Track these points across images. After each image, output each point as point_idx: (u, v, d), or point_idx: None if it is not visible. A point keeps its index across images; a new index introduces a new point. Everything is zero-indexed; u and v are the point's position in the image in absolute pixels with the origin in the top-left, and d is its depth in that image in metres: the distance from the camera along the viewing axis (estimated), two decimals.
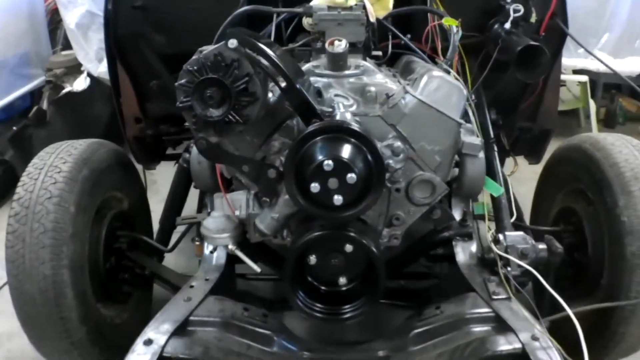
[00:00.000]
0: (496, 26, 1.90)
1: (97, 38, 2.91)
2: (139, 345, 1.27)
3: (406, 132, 1.30)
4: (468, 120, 1.53)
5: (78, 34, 2.88)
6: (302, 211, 1.24)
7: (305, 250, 1.25)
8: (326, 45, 1.33)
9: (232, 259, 1.57)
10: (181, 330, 1.33)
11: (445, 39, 1.76)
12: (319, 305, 1.30)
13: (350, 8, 1.48)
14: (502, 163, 2.34)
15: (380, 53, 1.63)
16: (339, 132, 1.14)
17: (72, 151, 1.70)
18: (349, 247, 1.23)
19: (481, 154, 1.36)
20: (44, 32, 3.37)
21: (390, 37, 1.71)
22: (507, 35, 1.82)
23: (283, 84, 1.16)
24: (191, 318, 1.37)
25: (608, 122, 4.23)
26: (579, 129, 4.12)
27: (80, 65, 3.04)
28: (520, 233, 1.51)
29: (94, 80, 3.07)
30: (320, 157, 1.11)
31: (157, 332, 1.31)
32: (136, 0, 1.92)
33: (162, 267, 1.94)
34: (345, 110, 1.23)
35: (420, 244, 1.60)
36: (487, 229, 1.51)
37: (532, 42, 1.70)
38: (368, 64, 1.44)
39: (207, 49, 1.19)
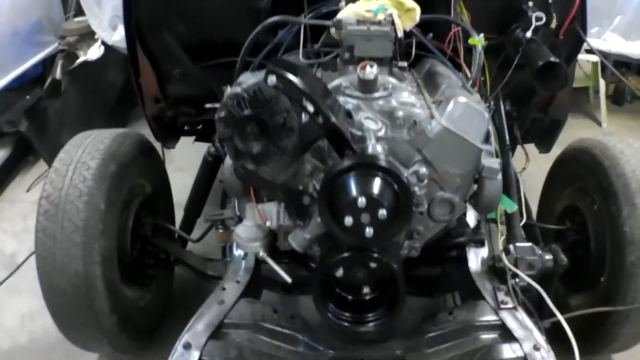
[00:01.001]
0: (517, 31, 1.94)
1: (110, 5, 2.93)
2: (178, 349, 1.43)
3: (431, 156, 1.41)
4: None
5: (91, 1, 2.89)
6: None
7: (340, 264, 1.38)
8: (357, 69, 1.41)
9: (260, 261, 1.70)
10: (217, 333, 1.49)
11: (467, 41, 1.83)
12: (346, 314, 1.45)
13: (379, 23, 1.54)
14: (513, 153, 2.46)
15: (405, 64, 1.70)
16: (373, 168, 1.25)
17: (99, 146, 1.78)
18: (373, 264, 1.37)
19: (499, 176, 1.46)
20: None
21: (414, 41, 1.78)
22: (527, 44, 1.88)
23: (319, 119, 1.25)
24: (225, 321, 1.52)
25: (617, 99, 4.33)
26: (587, 105, 4.22)
27: (93, 32, 3.06)
28: (529, 244, 1.66)
29: (108, 47, 3.09)
30: (354, 194, 1.23)
31: (195, 335, 1.46)
32: None
33: (185, 252, 2.09)
34: (376, 142, 1.33)
35: (435, 247, 1.72)
36: (498, 236, 1.64)
37: (553, 59, 1.76)
38: (394, 80, 1.52)
39: (246, 82, 1.27)
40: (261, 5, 1.94)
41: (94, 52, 3.07)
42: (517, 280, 1.57)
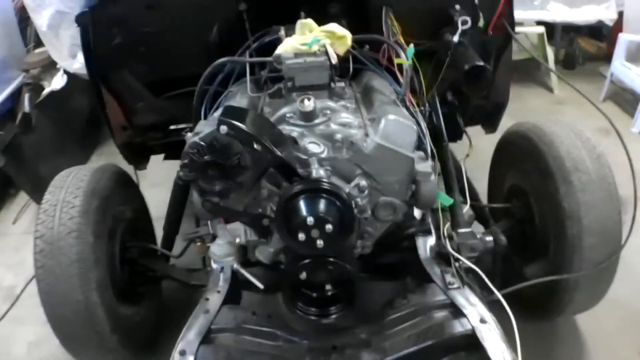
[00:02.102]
0: (446, 35, 2.18)
1: (68, 34, 3.15)
2: (175, 356, 1.68)
3: (369, 169, 1.69)
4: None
5: (50, 35, 3.11)
6: None
7: (303, 270, 1.69)
8: (297, 103, 1.70)
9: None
10: (206, 339, 1.75)
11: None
12: (312, 309, 1.76)
13: (315, 54, 1.82)
14: (460, 138, 2.75)
15: (342, 84, 1.97)
16: (317, 191, 1.55)
17: (79, 184, 2.06)
18: (330, 267, 1.68)
19: (432, 177, 1.74)
20: (17, 33, 3.59)
21: (351, 58, 2.06)
22: (455, 47, 2.13)
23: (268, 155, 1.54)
24: (212, 327, 1.78)
25: (568, 64, 4.60)
26: (539, 73, 4.51)
27: (55, 62, 3.27)
28: (470, 230, 1.94)
29: (70, 75, 3.31)
30: (303, 214, 1.52)
31: (188, 343, 1.71)
32: (114, 38, 2.17)
33: (169, 267, 2.38)
34: (319, 166, 1.63)
35: (388, 239, 1.98)
36: (442, 225, 1.93)
37: (477, 63, 2.02)
38: (333, 104, 1.81)
39: (202, 131, 1.56)
40: (209, 39, 2.21)
41: (58, 82, 3.28)
42: (460, 262, 1.85)
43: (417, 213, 2.02)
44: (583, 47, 4.52)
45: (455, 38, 2.12)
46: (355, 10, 2.23)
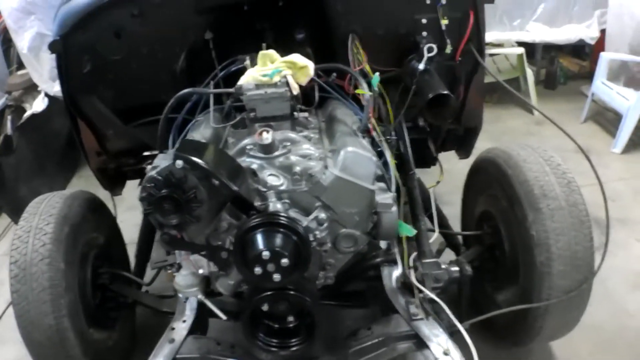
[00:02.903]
0: (412, 63, 2.17)
1: (48, 57, 3.19)
2: None
3: (329, 201, 1.70)
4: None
5: (31, 57, 3.15)
6: None
7: (263, 303, 1.69)
8: (255, 136, 1.71)
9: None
10: None
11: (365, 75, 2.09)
12: (273, 340, 1.77)
13: (275, 85, 1.83)
14: (434, 164, 2.76)
15: (306, 113, 1.98)
16: (273, 225, 1.56)
17: (51, 211, 2.09)
18: (290, 299, 1.68)
19: (393, 208, 1.75)
20: None
21: (316, 86, 2.07)
22: (420, 76, 2.12)
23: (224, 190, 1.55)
24: (177, 357, 1.80)
25: (549, 84, 4.61)
26: (519, 93, 4.53)
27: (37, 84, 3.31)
28: (434, 260, 1.91)
29: (51, 98, 3.34)
30: (259, 248, 1.53)
31: None
32: (84, 65, 2.19)
33: (141, 294, 2.39)
34: (277, 200, 1.64)
35: (354, 268, 2.00)
36: (405, 256, 1.93)
37: (441, 92, 2.01)
38: (294, 135, 1.82)
39: (160, 165, 1.57)
40: (176, 67, 2.22)
41: (39, 105, 3.32)
42: (425, 293, 1.83)
43: (383, 243, 2.03)
44: (565, 66, 4.53)
45: (421, 66, 2.12)
46: (322, 37, 2.24)
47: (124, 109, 2.33)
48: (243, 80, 1.86)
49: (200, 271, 1.83)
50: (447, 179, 2.57)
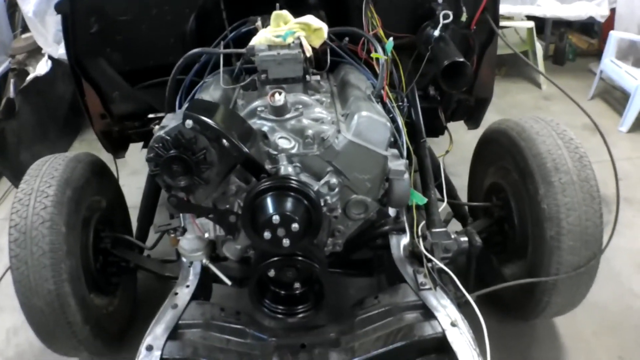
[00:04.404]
0: (427, 29, 2.13)
1: (53, 20, 3.12)
2: (142, 351, 1.65)
3: (340, 166, 1.64)
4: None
5: (36, 21, 3.07)
6: None
7: (270, 268, 1.64)
8: (268, 97, 1.63)
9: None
10: (173, 334, 1.71)
11: (379, 41, 2.03)
12: (279, 307, 1.72)
13: (288, 46, 1.76)
14: (442, 133, 2.70)
15: (318, 77, 1.91)
16: (284, 189, 1.49)
17: (54, 173, 2.02)
18: (298, 265, 1.63)
19: (405, 176, 1.69)
20: (4, 18, 3.53)
21: (328, 50, 2.00)
22: (435, 42, 2.07)
23: (235, 152, 1.48)
24: (180, 322, 1.75)
25: (557, 59, 4.54)
26: (528, 68, 4.45)
27: (41, 47, 3.22)
28: (444, 230, 1.88)
29: (55, 61, 3.26)
30: (269, 212, 1.47)
31: (155, 338, 1.68)
32: (92, 26, 2.13)
33: (143, 258, 2.34)
34: (288, 163, 1.57)
35: (362, 236, 1.97)
36: (414, 224, 1.88)
37: (457, 59, 1.95)
38: (307, 98, 1.75)
39: (168, 125, 1.50)
40: (186, 28, 2.14)
41: (42, 67, 3.24)
42: (432, 263, 1.80)
43: (391, 211, 1.98)
44: (574, 43, 4.45)
45: (436, 32, 2.07)
46: (335, 1, 2.16)
47: (131, 71, 2.26)
48: (255, 41, 1.79)
49: (206, 235, 1.77)
50: (454, 150, 2.52)
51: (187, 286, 1.89)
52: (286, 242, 1.49)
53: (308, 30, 1.80)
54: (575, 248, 1.90)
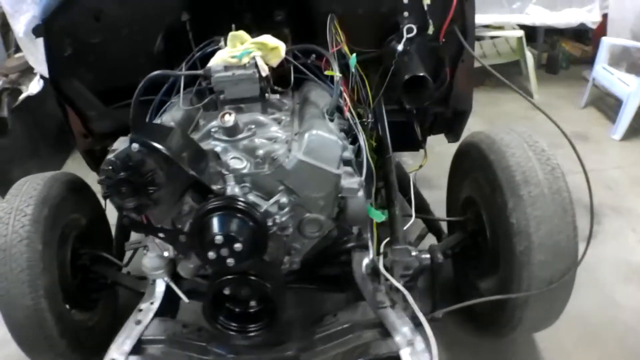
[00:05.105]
0: (392, 44, 2.10)
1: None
2: None
3: (292, 185, 1.62)
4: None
5: (27, 41, 3.12)
6: None
7: (222, 287, 1.65)
8: (218, 119, 1.64)
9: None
10: (136, 348, 1.73)
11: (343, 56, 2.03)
12: (233, 324, 1.71)
13: (244, 66, 1.77)
14: (422, 147, 2.67)
15: (277, 95, 1.91)
16: (226, 209, 1.50)
17: (32, 192, 2.07)
18: (249, 284, 1.63)
19: (360, 193, 1.67)
20: None
21: (291, 69, 2.00)
22: (400, 57, 2.04)
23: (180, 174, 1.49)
24: (143, 338, 1.77)
25: (551, 68, 4.47)
26: (520, 77, 4.39)
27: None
28: (405, 247, 1.85)
29: (47, 80, 3.31)
30: (212, 233, 1.48)
31: (119, 351, 1.71)
32: (66, 49, 2.18)
33: (120, 275, 2.34)
34: (235, 183, 1.58)
35: (327, 252, 1.95)
36: (374, 242, 1.85)
37: (417, 73, 1.93)
38: (262, 118, 1.75)
39: (118, 148, 1.52)
40: (154, 49, 2.17)
41: (34, 87, 3.29)
42: (392, 280, 1.75)
43: (356, 228, 1.96)
44: (567, 51, 4.38)
45: (400, 47, 2.04)
46: (302, 18, 2.16)
47: (105, 91, 2.30)
48: (212, 62, 1.80)
49: (166, 254, 1.78)
50: (439, 162, 2.49)
51: (152, 303, 1.90)
52: (230, 261, 1.49)
53: (265, 49, 1.81)
54: (547, 263, 1.84)
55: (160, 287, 1.92)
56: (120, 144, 1.60)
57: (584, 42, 4.51)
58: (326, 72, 1.84)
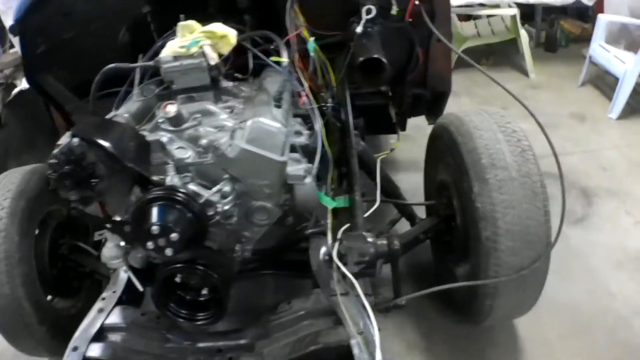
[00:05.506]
0: (353, 26, 2.03)
1: None
2: (69, 351, 1.71)
3: (236, 174, 1.61)
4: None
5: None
6: None
7: (169, 275, 1.65)
8: (161, 109, 1.64)
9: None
10: (98, 336, 1.76)
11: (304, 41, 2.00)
12: (182, 311, 1.71)
13: (192, 55, 1.75)
14: (404, 127, 2.62)
15: (231, 83, 1.90)
16: (163, 199, 1.50)
17: (9, 186, 2.12)
18: (200, 273, 1.63)
19: (307, 179, 1.64)
20: None
21: (250, 55, 1.98)
22: (358, 39, 1.99)
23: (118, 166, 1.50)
24: (104, 325, 1.79)
25: (549, 46, 4.31)
26: (517, 56, 4.25)
27: None
28: (360, 233, 1.80)
29: None
30: (149, 223, 1.47)
31: (81, 339, 1.74)
32: (39, 46, 2.22)
33: (98, 263, 2.37)
34: (174, 174, 1.57)
35: (288, 239, 1.95)
36: (329, 228, 1.81)
37: (371, 56, 1.88)
38: (211, 107, 1.74)
39: (62, 142, 1.53)
40: (120, 41, 2.19)
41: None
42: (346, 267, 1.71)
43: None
44: (566, 29, 4.21)
45: (359, 29, 1.99)
46: (265, 4, 2.13)
47: (79, 84, 2.33)
48: (162, 53, 1.79)
49: (122, 243, 1.79)
50: (423, 145, 2.43)
51: (114, 292, 1.92)
52: (169, 251, 1.49)
53: (214, 38, 1.78)
54: (516, 249, 1.77)
55: (122, 276, 1.94)
56: (66, 138, 1.61)
57: (584, 20, 4.34)
58: (272, 59, 1.81)
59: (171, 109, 1.61)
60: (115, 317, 1.84)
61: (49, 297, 2.26)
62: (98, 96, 2.34)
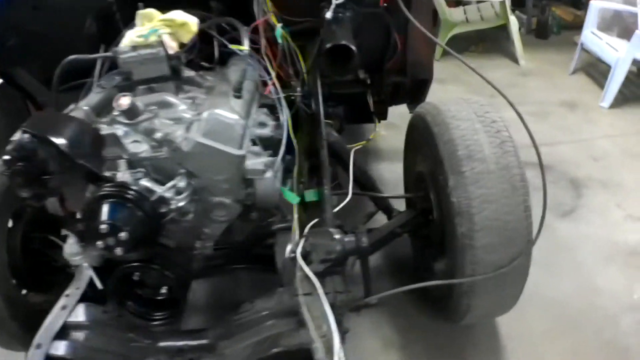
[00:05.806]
0: (324, 11, 1.93)
1: None
2: (32, 348, 1.65)
3: (192, 168, 1.53)
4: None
5: None
6: None
7: (125, 273, 1.59)
8: (113, 102, 1.56)
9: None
10: (60, 334, 1.70)
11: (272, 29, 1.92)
12: (141, 310, 1.67)
13: (150, 45, 1.67)
14: (384, 118, 2.53)
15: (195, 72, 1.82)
16: (112, 197, 1.43)
17: None
18: (154, 272, 1.57)
19: (268, 174, 1.57)
20: None
21: (215, 43, 1.89)
22: (327, 25, 1.89)
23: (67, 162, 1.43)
24: (67, 323, 1.73)
25: (540, 33, 4.20)
26: (508, 43, 4.13)
27: None
28: (326, 230, 1.72)
29: None
30: (98, 221, 1.41)
31: (44, 337, 1.67)
32: (9, 39, 2.17)
33: None
34: (125, 170, 1.50)
35: (255, 234, 1.88)
36: (294, 225, 1.73)
37: (339, 42, 1.79)
38: (170, 98, 1.66)
39: (15, 138, 1.46)
40: (86, 31, 2.15)
41: None
42: (310, 267, 1.61)
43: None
44: (558, 15, 4.08)
45: (328, 14, 1.89)
46: None
47: (52, 78, 2.28)
48: (121, 43, 1.71)
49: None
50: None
51: (77, 289, 1.86)
52: (118, 250, 1.42)
53: (174, 26, 1.71)
54: (494, 246, 1.67)
55: (85, 273, 1.88)
56: (19, 134, 1.54)
57: (577, 6, 4.20)
58: (232, 47, 1.73)
59: (124, 101, 1.54)
60: (77, 315, 1.78)
61: (24, 292, 2.21)
62: (65, 88, 2.31)
